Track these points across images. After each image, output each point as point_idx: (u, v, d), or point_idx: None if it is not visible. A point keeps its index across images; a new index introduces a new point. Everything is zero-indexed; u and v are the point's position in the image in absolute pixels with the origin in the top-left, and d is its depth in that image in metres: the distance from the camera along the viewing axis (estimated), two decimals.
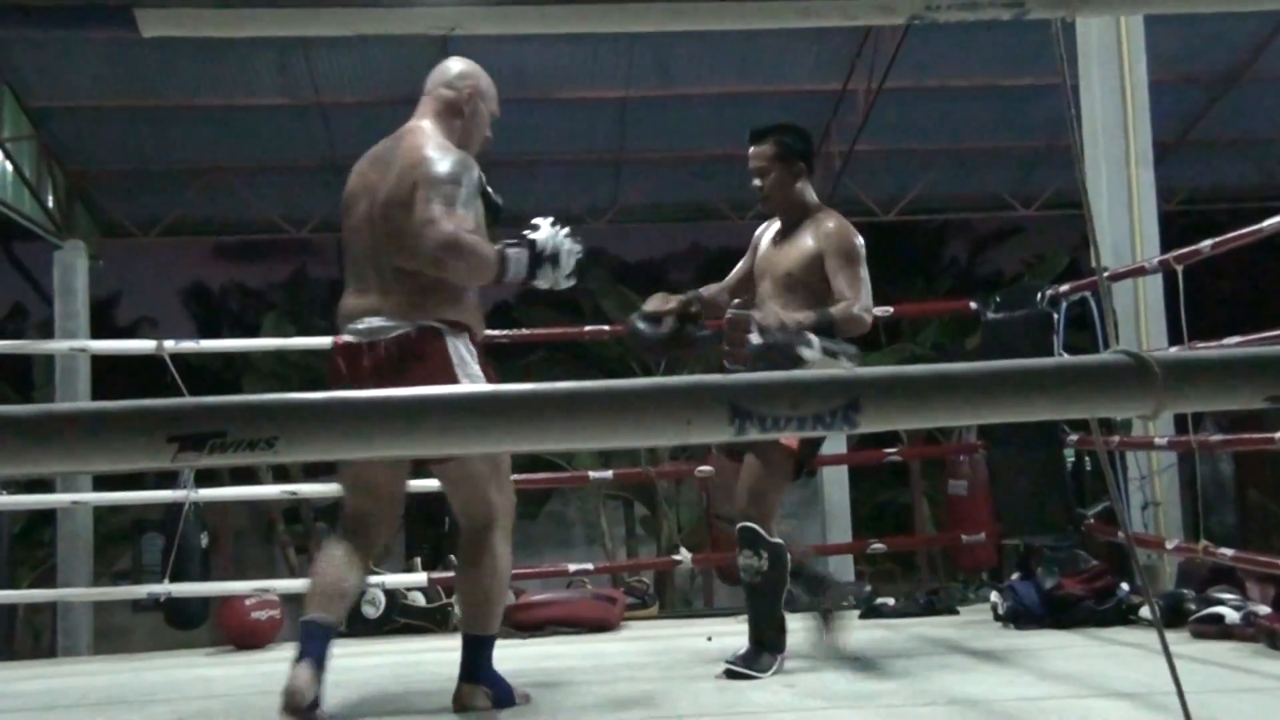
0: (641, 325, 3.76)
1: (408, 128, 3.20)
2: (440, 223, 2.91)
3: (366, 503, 3.17)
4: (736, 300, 3.88)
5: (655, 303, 3.80)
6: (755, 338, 3.45)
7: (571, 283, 3.22)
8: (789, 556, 3.64)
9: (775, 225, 3.95)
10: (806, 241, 3.72)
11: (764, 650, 3.54)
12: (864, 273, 3.68)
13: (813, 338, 3.44)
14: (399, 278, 3.00)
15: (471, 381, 3.00)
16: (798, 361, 3.37)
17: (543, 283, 3.16)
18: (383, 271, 3.03)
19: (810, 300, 3.63)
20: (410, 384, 2.65)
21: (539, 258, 3.13)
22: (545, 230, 3.17)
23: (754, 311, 3.60)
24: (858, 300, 3.58)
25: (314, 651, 2.91)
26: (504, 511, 3.14)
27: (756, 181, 3.88)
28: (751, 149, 3.93)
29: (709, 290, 3.98)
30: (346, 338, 3.07)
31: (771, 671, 3.47)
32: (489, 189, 3.20)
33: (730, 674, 3.46)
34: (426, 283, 3.00)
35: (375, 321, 3.01)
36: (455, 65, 3.32)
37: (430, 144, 3.08)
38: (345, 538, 3.13)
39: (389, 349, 2.98)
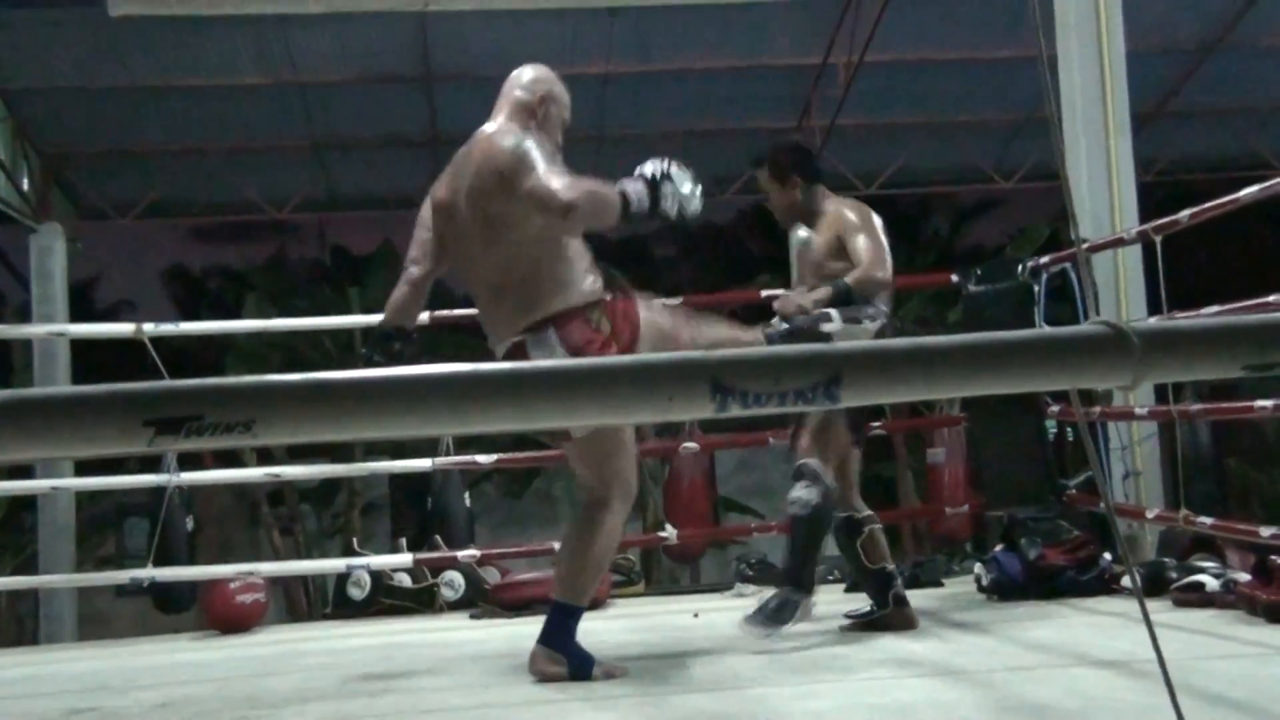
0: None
1: (482, 130, 3.25)
2: (554, 191, 2.96)
3: (575, 466, 3.33)
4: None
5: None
6: (775, 325, 3.60)
7: (699, 206, 3.19)
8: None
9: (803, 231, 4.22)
10: (825, 234, 3.95)
11: (792, 594, 3.60)
12: (876, 235, 3.84)
13: (833, 312, 3.58)
14: (506, 282, 3.12)
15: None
16: (823, 337, 3.51)
17: (669, 206, 3.12)
18: (493, 278, 3.15)
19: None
20: None
21: (656, 185, 3.12)
22: (652, 163, 3.18)
23: (774, 303, 3.77)
24: (869, 262, 3.73)
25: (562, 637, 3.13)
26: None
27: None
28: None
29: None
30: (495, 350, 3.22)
31: (795, 619, 3.55)
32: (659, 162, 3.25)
33: (753, 621, 3.54)
34: (529, 277, 3.09)
35: (501, 331, 3.17)
36: (530, 71, 3.39)
37: (504, 135, 3.14)
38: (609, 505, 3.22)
39: (513, 354, 3.11)
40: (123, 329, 5.42)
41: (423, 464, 5.43)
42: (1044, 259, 5.29)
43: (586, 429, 3.13)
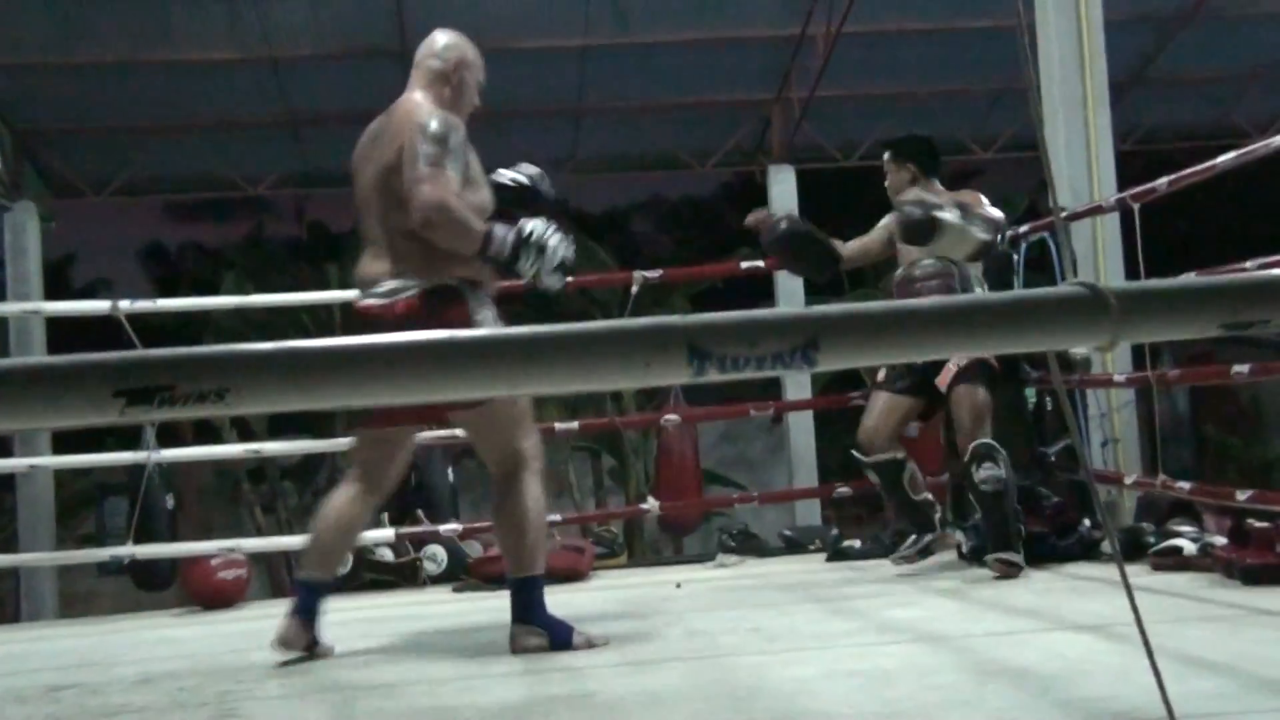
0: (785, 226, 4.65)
1: (400, 99, 3.31)
2: (425, 183, 3.01)
3: (379, 452, 3.30)
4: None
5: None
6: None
7: (558, 284, 3.23)
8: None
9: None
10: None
11: (1015, 544, 4.08)
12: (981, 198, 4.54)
13: (944, 210, 4.23)
14: (410, 241, 3.11)
15: (489, 322, 3.18)
16: (929, 227, 4.18)
17: (524, 269, 3.15)
18: (393, 237, 3.15)
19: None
20: None
21: (525, 242, 3.12)
22: (538, 222, 3.19)
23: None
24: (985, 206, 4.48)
25: (306, 608, 3.20)
26: (532, 454, 3.26)
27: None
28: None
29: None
30: (368, 301, 3.18)
31: (1023, 562, 4.06)
32: (514, 173, 3.41)
33: (1003, 565, 4.02)
34: (428, 245, 3.10)
35: (393, 283, 3.13)
36: (441, 38, 3.39)
37: (419, 109, 3.20)
38: (352, 488, 3.28)
39: (412, 304, 3.10)
40: (99, 306, 5.37)
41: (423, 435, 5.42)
42: (1023, 228, 5.31)
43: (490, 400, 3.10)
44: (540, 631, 3.12)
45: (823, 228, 4.85)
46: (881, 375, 4.55)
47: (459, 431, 4.68)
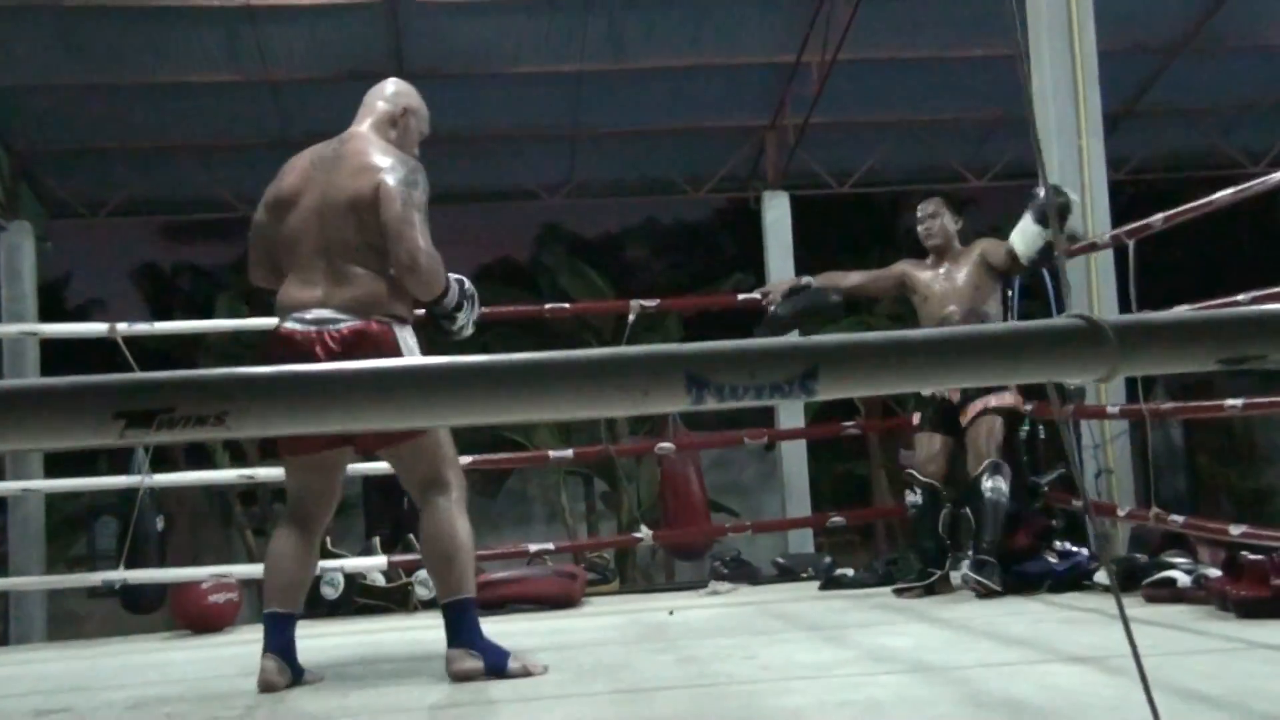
0: (774, 309, 5.00)
1: (352, 132, 3.39)
2: (417, 236, 3.12)
3: (314, 481, 3.30)
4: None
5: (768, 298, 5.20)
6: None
7: (468, 333, 3.43)
8: None
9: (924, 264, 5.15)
10: (969, 260, 4.96)
11: (988, 562, 4.36)
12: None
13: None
14: (350, 274, 3.17)
15: None
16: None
17: (457, 323, 3.36)
18: (333, 266, 3.18)
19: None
20: None
21: (468, 296, 3.35)
22: (469, 285, 3.40)
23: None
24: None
25: (279, 644, 3.19)
26: (457, 485, 3.28)
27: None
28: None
29: (826, 275, 5.25)
30: (292, 325, 3.18)
31: (1000, 587, 4.31)
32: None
33: (978, 585, 4.29)
34: (379, 279, 3.18)
35: (324, 313, 3.15)
36: (391, 85, 3.55)
37: (382, 149, 3.28)
38: (293, 521, 3.29)
39: (344, 337, 3.13)
40: (96, 328, 5.36)
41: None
42: None
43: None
44: (477, 654, 3.11)
45: (818, 254, 5.00)
46: (917, 419, 4.94)
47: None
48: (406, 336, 3.22)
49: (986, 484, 4.50)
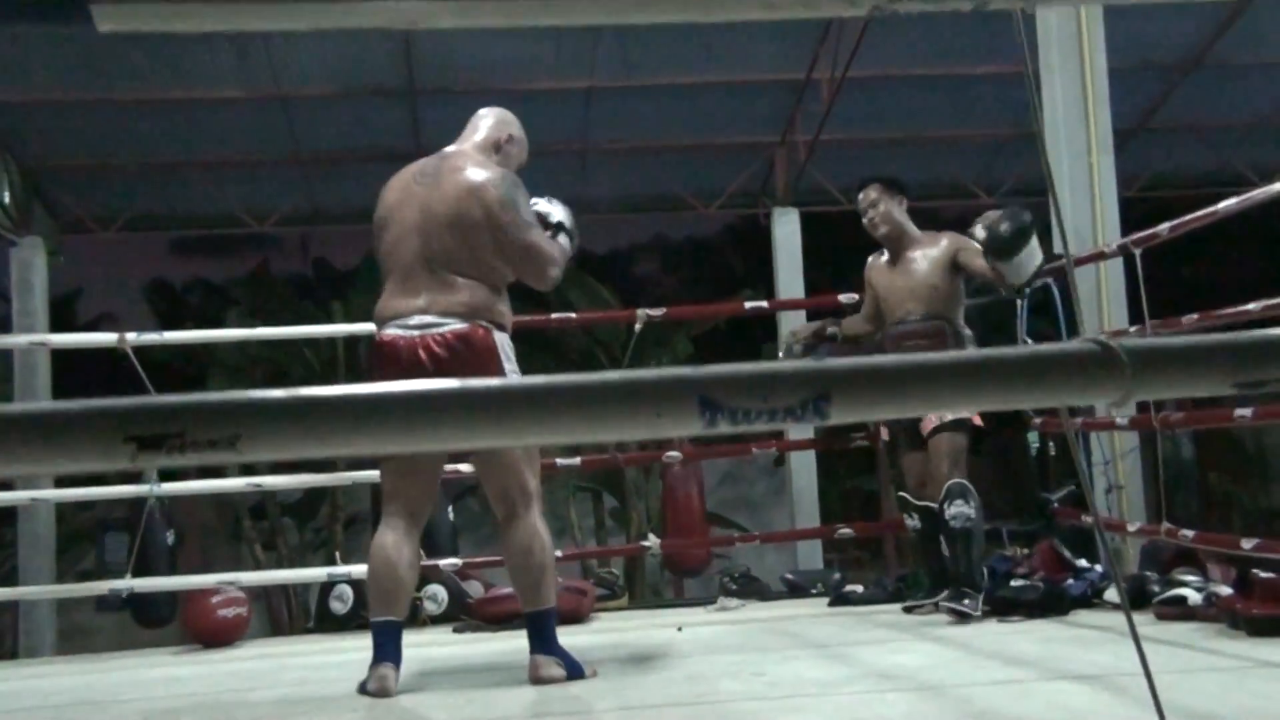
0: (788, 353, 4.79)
1: (454, 149, 3.52)
2: (539, 248, 3.34)
3: (406, 483, 3.36)
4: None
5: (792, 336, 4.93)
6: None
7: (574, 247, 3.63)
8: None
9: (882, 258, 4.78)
10: (933, 253, 4.56)
11: (967, 592, 4.16)
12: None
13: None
14: (452, 281, 3.29)
15: (513, 375, 3.31)
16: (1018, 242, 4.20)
17: (575, 245, 3.60)
18: (435, 276, 3.29)
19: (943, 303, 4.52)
20: (464, 375, 2.97)
21: (571, 237, 3.57)
22: (559, 209, 3.59)
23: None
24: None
25: (391, 653, 3.23)
26: (537, 495, 3.39)
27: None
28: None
29: (846, 322, 4.95)
30: (394, 332, 3.28)
31: (980, 610, 4.13)
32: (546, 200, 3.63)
33: (953, 613, 4.10)
34: (481, 287, 3.31)
35: (427, 318, 3.26)
36: (497, 112, 3.68)
37: (485, 166, 3.41)
38: (391, 524, 3.34)
39: (447, 340, 3.23)
40: (105, 339, 5.38)
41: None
42: None
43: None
44: (560, 662, 3.26)
45: (827, 270, 4.96)
46: (886, 435, 4.81)
47: (463, 467, 4.74)
48: (505, 343, 3.34)
49: (950, 511, 4.26)
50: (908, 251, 4.58)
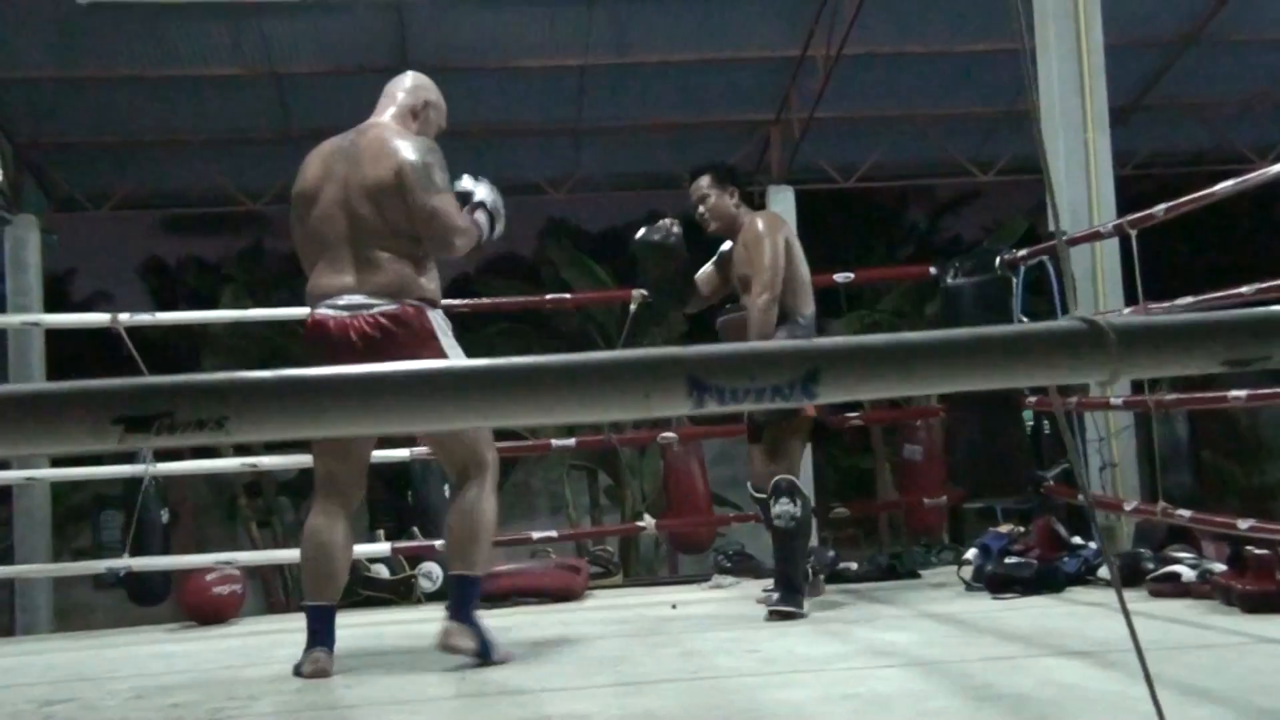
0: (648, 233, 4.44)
1: (370, 123, 3.47)
2: (445, 213, 3.27)
3: (341, 467, 3.36)
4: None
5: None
6: None
7: (503, 226, 3.59)
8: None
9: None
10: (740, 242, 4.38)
11: (795, 590, 3.99)
12: (772, 250, 4.22)
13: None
14: (378, 259, 3.25)
15: (452, 349, 3.28)
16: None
17: (499, 231, 3.54)
18: (361, 253, 3.27)
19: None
20: (397, 355, 2.99)
21: (492, 216, 3.52)
22: (484, 189, 3.53)
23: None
24: (761, 284, 4.17)
25: (325, 637, 3.24)
26: (492, 467, 3.38)
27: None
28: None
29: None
30: (326, 312, 3.24)
31: (806, 608, 3.96)
32: (472, 179, 3.58)
33: (776, 615, 3.90)
34: (405, 263, 3.27)
35: (356, 298, 3.23)
36: (410, 78, 3.62)
37: (401, 135, 3.37)
38: (325, 508, 3.33)
39: (377, 322, 3.21)
40: (98, 319, 5.38)
41: (400, 454, 5.40)
42: (1021, 252, 5.31)
43: None
44: (472, 633, 3.20)
45: (823, 248, 4.84)
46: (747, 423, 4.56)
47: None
48: (438, 318, 3.32)
49: (775, 510, 4.07)
50: (739, 240, 4.41)
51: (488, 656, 3.19)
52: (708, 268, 4.58)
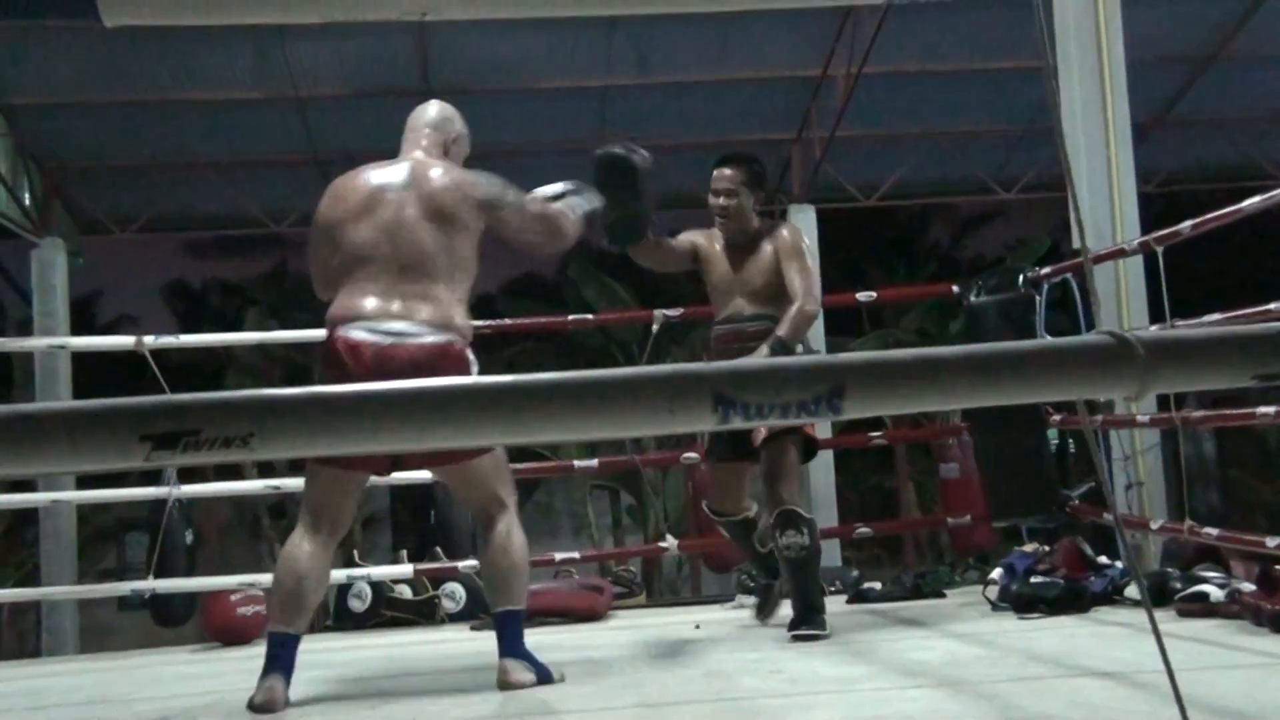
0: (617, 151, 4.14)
1: (414, 158, 3.40)
2: (551, 210, 3.37)
3: (337, 496, 3.25)
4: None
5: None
6: None
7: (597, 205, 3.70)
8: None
9: (719, 240, 4.37)
10: (765, 251, 4.19)
11: (816, 610, 3.95)
12: (811, 264, 4.15)
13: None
14: (429, 293, 3.18)
15: None
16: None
17: (591, 210, 3.66)
18: (411, 284, 3.18)
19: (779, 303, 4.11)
20: None
21: (577, 193, 3.60)
22: (557, 186, 3.58)
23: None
24: (803, 297, 4.05)
25: (283, 665, 3.09)
26: (511, 502, 3.35)
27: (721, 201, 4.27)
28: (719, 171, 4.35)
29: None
30: (361, 336, 3.12)
31: (828, 629, 3.92)
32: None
33: (801, 638, 3.85)
34: (454, 297, 3.22)
35: (402, 325, 3.13)
36: (435, 109, 3.56)
37: (459, 169, 3.39)
38: (310, 536, 3.20)
39: (424, 352, 3.11)
40: (123, 341, 5.41)
41: (424, 475, 5.41)
42: (1045, 270, 5.29)
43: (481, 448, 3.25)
44: (529, 666, 3.19)
45: (844, 267, 4.78)
46: (705, 446, 4.50)
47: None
48: (472, 357, 3.27)
49: (783, 542, 3.97)
50: (742, 245, 4.24)
51: (550, 681, 3.19)
52: (672, 238, 4.41)
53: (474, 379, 1.05)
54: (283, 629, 3.12)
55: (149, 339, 5.16)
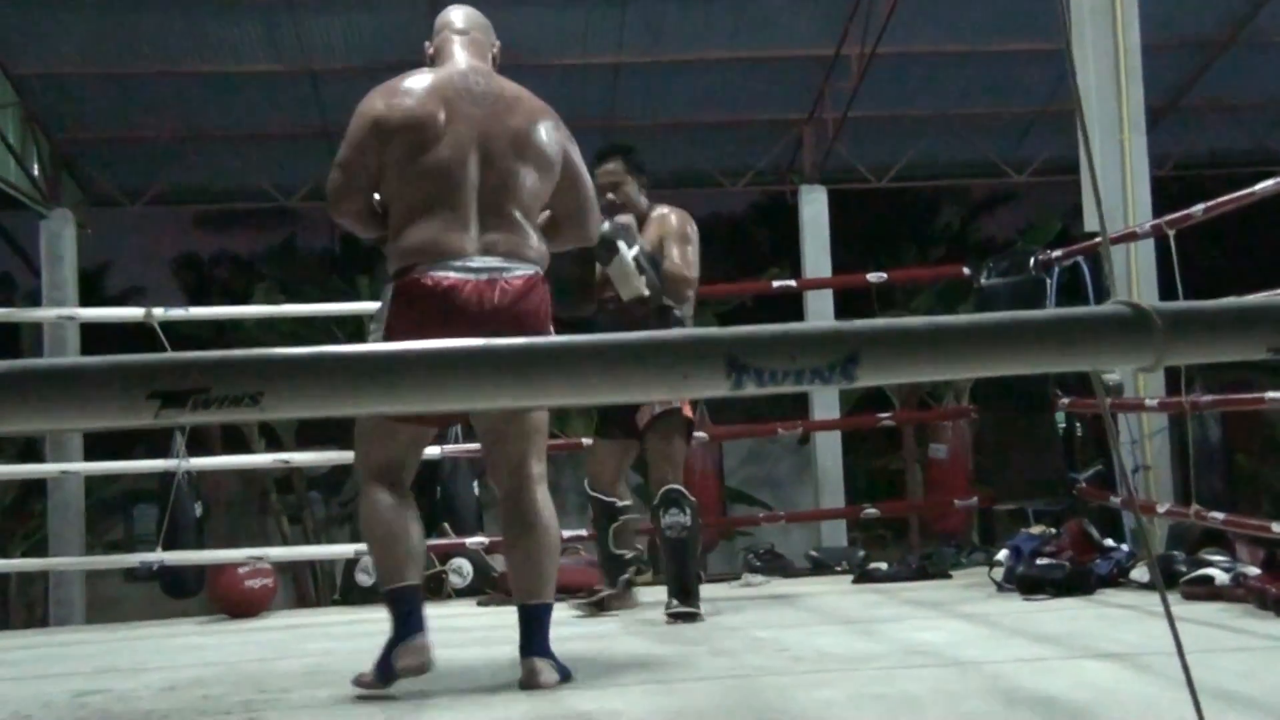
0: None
1: (486, 69, 3.10)
2: (592, 195, 3.19)
3: (414, 453, 3.06)
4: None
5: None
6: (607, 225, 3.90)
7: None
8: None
9: None
10: (651, 233, 4.29)
11: (690, 594, 4.00)
12: (693, 247, 4.31)
13: (635, 246, 4.02)
14: (516, 223, 2.91)
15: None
16: (612, 251, 3.96)
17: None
18: (498, 213, 2.89)
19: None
20: (523, 328, 2.81)
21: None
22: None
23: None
24: (683, 267, 4.22)
25: (418, 621, 2.86)
26: (543, 471, 3.08)
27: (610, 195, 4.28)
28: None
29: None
30: (455, 276, 2.83)
31: (702, 613, 3.99)
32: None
33: (677, 618, 3.92)
34: (536, 229, 2.98)
35: (490, 260, 2.86)
36: (478, 14, 3.30)
37: (542, 104, 3.09)
38: (386, 489, 2.95)
39: (519, 288, 2.87)
40: (133, 313, 5.43)
41: (431, 451, 5.41)
42: (1056, 252, 5.27)
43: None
44: (556, 665, 2.90)
45: (854, 248, 4.79)
46: (594, 426, 4.56)
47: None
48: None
49: (665, 520, 4.03)
50: (639, 226, 4.27)
51: (569, 680, 2.89)
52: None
53: (484, 341, 1.04)
54: (399, 583, 2.87)
55: (158, 311, 5.17)
